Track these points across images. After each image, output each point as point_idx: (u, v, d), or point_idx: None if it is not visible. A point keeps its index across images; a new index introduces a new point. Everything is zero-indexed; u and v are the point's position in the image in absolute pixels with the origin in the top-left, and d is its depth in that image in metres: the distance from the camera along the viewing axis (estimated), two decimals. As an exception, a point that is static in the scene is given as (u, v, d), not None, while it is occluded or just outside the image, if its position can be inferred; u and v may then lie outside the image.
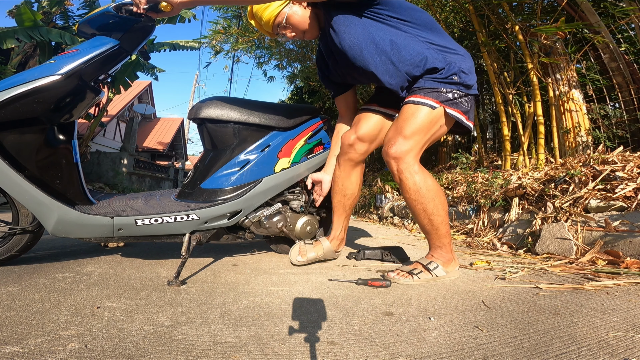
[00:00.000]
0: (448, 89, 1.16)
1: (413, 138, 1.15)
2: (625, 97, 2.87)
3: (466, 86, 1.18)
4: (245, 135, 1.35)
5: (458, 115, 1.17)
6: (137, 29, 1.20)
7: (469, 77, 1.19)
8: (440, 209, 1.16)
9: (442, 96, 1.15)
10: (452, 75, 1.16)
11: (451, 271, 1.20)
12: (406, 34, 1.17)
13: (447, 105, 1.15)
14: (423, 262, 1.19)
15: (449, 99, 1.16)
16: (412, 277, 1.13)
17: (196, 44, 8.24)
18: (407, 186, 1.15)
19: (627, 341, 0.68)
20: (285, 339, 0.68)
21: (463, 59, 1.20)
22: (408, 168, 1.14)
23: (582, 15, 2.79)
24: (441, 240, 1.19)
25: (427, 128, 1.16)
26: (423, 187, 1.14)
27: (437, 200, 1.16)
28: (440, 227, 1.17)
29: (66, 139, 1.19)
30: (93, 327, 0.71)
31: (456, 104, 1.16)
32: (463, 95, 1.18)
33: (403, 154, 1.14)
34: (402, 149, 1.14)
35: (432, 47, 1.18)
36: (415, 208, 1.17)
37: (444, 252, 1.20)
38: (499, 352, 0.64)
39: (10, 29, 5.98)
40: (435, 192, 1.16)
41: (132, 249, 1.65)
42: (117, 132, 15.89)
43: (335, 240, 1.43)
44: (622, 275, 1.18)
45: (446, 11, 3.66)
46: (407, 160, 1.14)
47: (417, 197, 1.15)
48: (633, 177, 1.73)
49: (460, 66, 1.17)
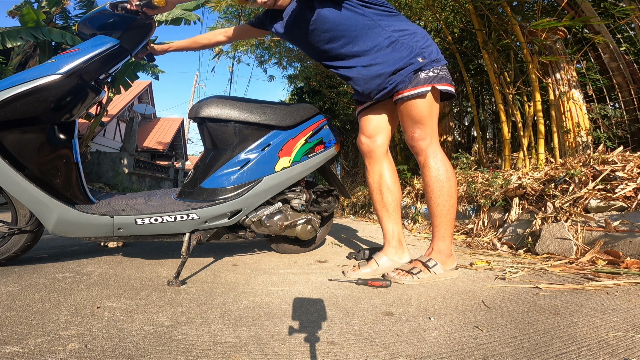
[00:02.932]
0: (424, 70, 1.17)
1: (429, 125, 1.21)
2: (625, 97, 2.87)
3: (434, 61, 1.19)
4: (245, 134, 1.35)
5: (447, 87, 1.19)
6: (135, 27, 1.20)
7: (431, 49, 1.20)
8: (455, 192, 1.23)
9: (425, 79, 1.17)
10: (416, 57, 1.17)
11: (450, 269, 1.20)
12: (379, 28, 1.17)
13: (435, 82, 1.17)
14: (422, 259, 1.20)
15: (432, 77, 1.17)
16: (412, 277, 1.14)
17: None
18: (430, 165, 1.21)
19: (627, 341, 0.68)
20: (285, 339, 0.68)
21: (417, 37, 1.20)
22: (434, 152, 1.21)
23: (582, 15, 2.79)
24: (448, 229, 1.21)
25: (432, 112, 1.21)
26: (448, 171, 1.21)
27: (454, 183, 1.23)
28: (452, 212, 1.22)
29: (66, 139, 1.19)
30: (93, 327, 0.71)
31: (442, 78, 1.19)
32: (442, 68, 1.20)
33: (427, 140, 1.21)
34: (424, 135, 1.21)
35: (396, 36, 1.18)
36: (440, 191, 1.20)
37: (446, 245, 1.21)
38: (499, 352, 0.64)
39: (14, 29, 5.98)
40: (453, 176, 1.24)
41: (132, 249, 1.64)
42: (117, 132, 15.88)
43: (389, 248, 1.31)
44: (622, 275, 1.18)
45: (446, 11, 3.66)
46: (432, 145, 1.21)
47: (438, 175, 1.20)
48: (633, 177, 1.73)
49: (420, 46, 1.19)
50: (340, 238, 2.24)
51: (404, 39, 1.18)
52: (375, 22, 1.17)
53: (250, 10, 4.69)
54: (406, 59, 1.16)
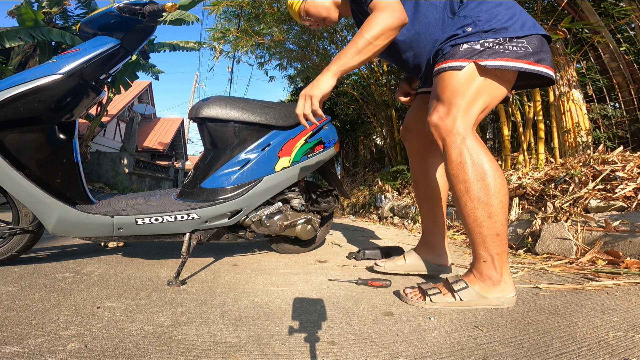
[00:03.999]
0: (469, 42, 0.95)
1: (456, 105, 0.94)
2: (625, 97, 2.88)
3: (494, 30, 0.94)
4: (245, 135, 1.35)
5: (505, 63, 0.92)
6: (138, 29, 1.20)
7: (493, 16, 0.95)
8: (492, 197, 0.89)
9: (465, 52, 0.94)
10: (465, 27, 0.96)
11: (494, 297, 0.89)
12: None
13: (480, 58, 0.92)
14: (450, 279, 0.95)
15: (478, 50, 0.93)
16: (425, 299, 0.91)
17: (196, 45, 8.26)
18: (451, 157, 0.93)
19: (627, 341, 0.68)
20: (285, 339, 0.68)
21: (485, 5, 0.98)
22: (458, 139, 0.92)
23: (582, 15, 2.79)
24: (485, 248, 0.90)
25: (463, 91, 0.94)
26: (479, 166, 0.90)
27: (488, 183, 0.89)
28: (489, 224, 0.89)
29: (67, 139, 1.19)
30: (93, 327, 0.71)
31: (496, 53, 0.92)
32: (502, 42, 0.93)
33: (448, 123, 0.94)
34: (444, 116, 0.95)
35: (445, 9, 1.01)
36: (455, 187, 0.93)
37: (488, 268, 0.90)
38: (499, 352, 0.64)
39: (13, 29, 5.99)
40: (487, 173, 0.90)
41: (132, 249, 1.64)
42: (117, 132, 15.89)
43: (421, 245, 1.24)
44: (622, 275, 1.18)
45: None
46: (457, 130, 0.92)
47: (459, 172, 0.92)
48: (633, 177, 1.73)
49: (481, 11, 0.97)
50: (340, 238, 2.24)
51: (465, 7, 1.00)
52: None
53: (249, 11, 4.69)
54: (453, 29, 0.98)
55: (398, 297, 0.98)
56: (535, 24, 0.98)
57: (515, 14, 0.97)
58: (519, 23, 0.95)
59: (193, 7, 6.94)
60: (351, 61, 0.97)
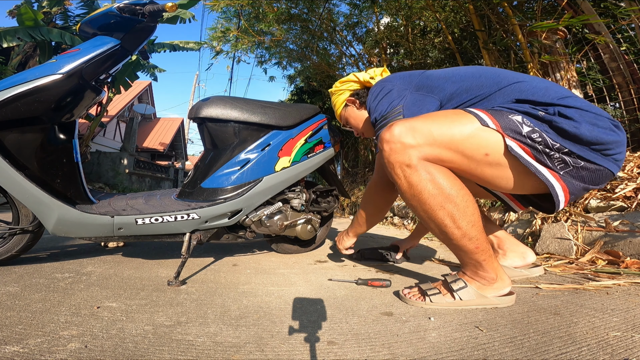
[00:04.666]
0: (520, 119, 0.81)
1: (430, 133, 0.83)
2: (625, 97, 2.87)
3: (559, 130, 0.78)
4: (245, 135, 1.35)
5: (526, 156, 0.79)
6: (138, 29, 1.20)
7: (571, 122, 0.78)
8: (457, 215, 0.83)
9: (506, 121, 0.81)
10: (523, 104, 0.84)
11: (493, 295, 0.88)
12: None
13: (511, 135, 0.80)
14: (449, 278, 0.93)
15: (517, 131, 0.80)
16: (424, 300, 0.91)
17: (195, 45, 8.26)
18: (402, 187, 0.87)
19: (627, 341, 0.68)
20: (285, 339, 0.68)
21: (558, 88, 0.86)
22: (402, 161, 0.84)
23: (582, 15, 2.79)
24: (471, 257, 0.87)
25: (459, 138, 0.83)
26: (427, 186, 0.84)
27: (447, 202, 0.83)
28: (458, 239, 0.85)
29: (67, 139, 1.19)
30: (93, 327, 0.71)
31: (530, 145, 0.79)
32: (555, 148, 0.78)
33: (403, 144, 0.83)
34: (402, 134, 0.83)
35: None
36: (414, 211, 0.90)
37: (480, 270, 0.89)
38: (499, 352, 0.64)
39: (11, 29, 5.99)
40: (443, 191, 0.83)
41: (132, 249, 1.64)
42: (117, 132, 15.88)
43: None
44: (622, 275, 1.18)
45: (446, 11, 3.66)
46: (405, 152, 0.83)
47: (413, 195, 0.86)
48: (633, 177, 1.73)
49: (556, 94, 0.83)
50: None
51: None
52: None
53: (249, 10, 4.68)
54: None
55: (398, 297, 0.98)
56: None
57: (587, 116, 0.80)
58: (602, 145, 0.79)
59: (192, 6, 6.93)
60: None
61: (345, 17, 5.23)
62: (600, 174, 0.81)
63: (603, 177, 0.82)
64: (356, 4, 4.81)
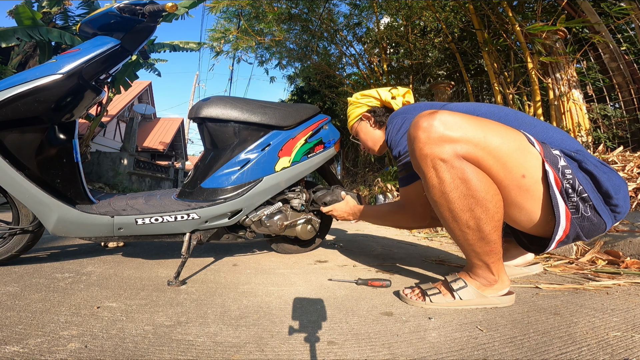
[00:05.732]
0: (558, 153, 0.82)
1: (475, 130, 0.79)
2: (625, 97, 2.88)
3: (586, 171, 0.81)
4: (245, 135, 1.35)
5: (555, 188, 0.78)
6: (139, 29, 1.20)
7: (595, 167, 0.80)
8: (484, 219, 0.81)
9: (547, 149, 0.82)
10: (554, 150, 0.83)
11: (492, 295, 0.88)
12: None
13: (550, 164, 0.79)
14: (449, 278, 0.93)
15: (555, 163, 0.80)
16: (424, 300, 0.90)
17: (195, 45, 8.26)
18: (430, 181, 0.83)
19: (627, 341, 0.68)
20: (285, 339, 0.68)
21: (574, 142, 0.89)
22: (437, 154, 0.80)
23: (582, 15, 2.79)
24: (480, 258, 0.86)
25: (507, 149, 0.79)
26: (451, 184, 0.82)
27: (471, 200, 0.80)
28: (475, 241, 0.84)
29: (67, 139, 1.19)
30: (93, 327, 0.71)
31: (561, 180, 0.79)
32: (577, 191, 0.79)
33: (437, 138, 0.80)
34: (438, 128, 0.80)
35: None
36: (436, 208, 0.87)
37: (484, 272, 0.89)
38: (499, 352, 0.64)
39: (10, 29, 5.99)
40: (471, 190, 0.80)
41: (132, 249, 1.64)
42: (117, 132, 15.89)
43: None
44: (622, 275, 1.18)
45: (446, 11, 3.67)
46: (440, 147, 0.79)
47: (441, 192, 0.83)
48: (633, 177, 1.73)
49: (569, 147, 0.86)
50: (341, 238, 2.24)
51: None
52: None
53: (249, 10, 4.69)
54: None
55: (398, 297, 0.98)
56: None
57: (605, 178, 0.81)
58: (612, 204, 0.83)
59: (194, 7, 6.92)
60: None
61: (345, 17, 5.24)
62: (597, 229, 0.83)
63: (597, 231, 0.84)
64: (356, 4, 4.81)
